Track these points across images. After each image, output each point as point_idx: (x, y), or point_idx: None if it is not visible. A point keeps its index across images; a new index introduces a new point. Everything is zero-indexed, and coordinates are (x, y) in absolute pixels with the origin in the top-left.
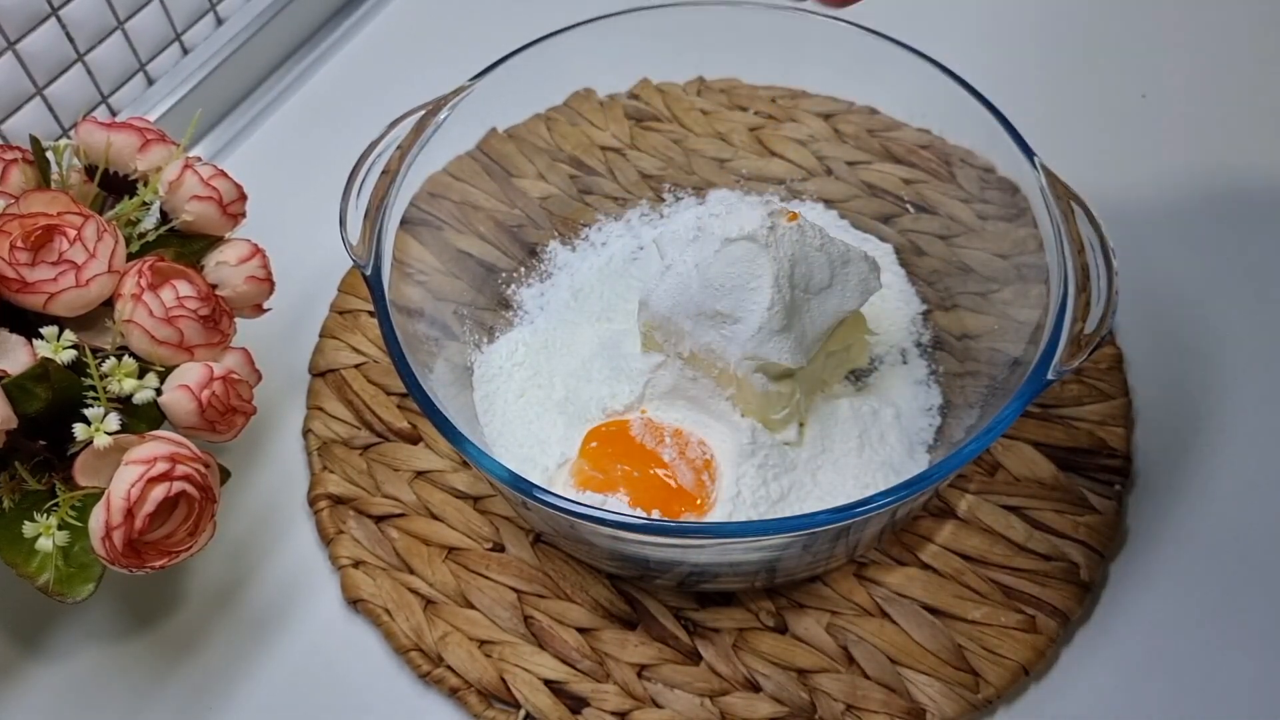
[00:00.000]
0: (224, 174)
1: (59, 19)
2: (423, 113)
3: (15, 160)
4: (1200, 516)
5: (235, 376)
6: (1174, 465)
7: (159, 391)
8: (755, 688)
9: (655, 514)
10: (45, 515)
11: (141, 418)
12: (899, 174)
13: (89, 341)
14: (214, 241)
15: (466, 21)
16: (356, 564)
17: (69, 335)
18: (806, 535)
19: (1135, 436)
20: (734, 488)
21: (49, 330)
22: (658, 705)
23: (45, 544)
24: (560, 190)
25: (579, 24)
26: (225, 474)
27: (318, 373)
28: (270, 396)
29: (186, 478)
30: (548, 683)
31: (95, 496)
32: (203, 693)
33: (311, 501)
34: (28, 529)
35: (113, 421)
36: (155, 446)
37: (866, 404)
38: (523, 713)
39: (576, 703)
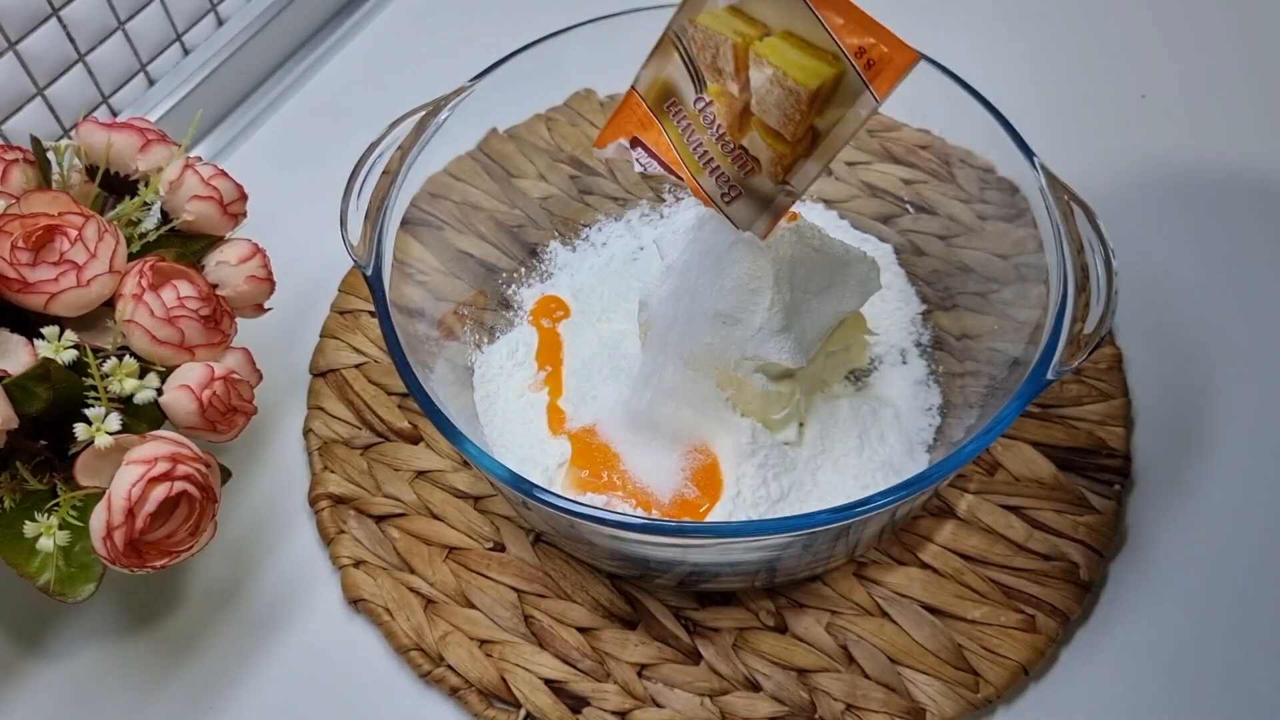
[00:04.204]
0: (224, 174)
1: (60, 19)
2: (423, 113)
3: (16, 160)
4: (1200, 516)
5: (236, 376)
6: (1174, 465)
7: (160, 391)
8: (755, 687)
9: (655, 514)
10: (46, 515)
11: (142, 418)
12: (899, 174)
13: (90, 341)
14: (214, 241)
15: (466, 21)
16: (357, 564)
17: (70, 335)
18: (806, 535)
19: (1135, 436)
20: (734, 488)
21: (50, 330)
22: (658, 705)
23: (46, 544)
24: (560, 190)
25: (579, 24)
26: (226, 474)
27: (318, 373)
28: (271, 396)
29: (187, 478)
30: (548, 682)
31: (96, 496)
32: (203, 692)
33: (312, 501)
34: (29, 529)
35: (114, 421)
36: (156, 446)
37: (866, 404)
38: (523, 712)
39: (577, 702)
